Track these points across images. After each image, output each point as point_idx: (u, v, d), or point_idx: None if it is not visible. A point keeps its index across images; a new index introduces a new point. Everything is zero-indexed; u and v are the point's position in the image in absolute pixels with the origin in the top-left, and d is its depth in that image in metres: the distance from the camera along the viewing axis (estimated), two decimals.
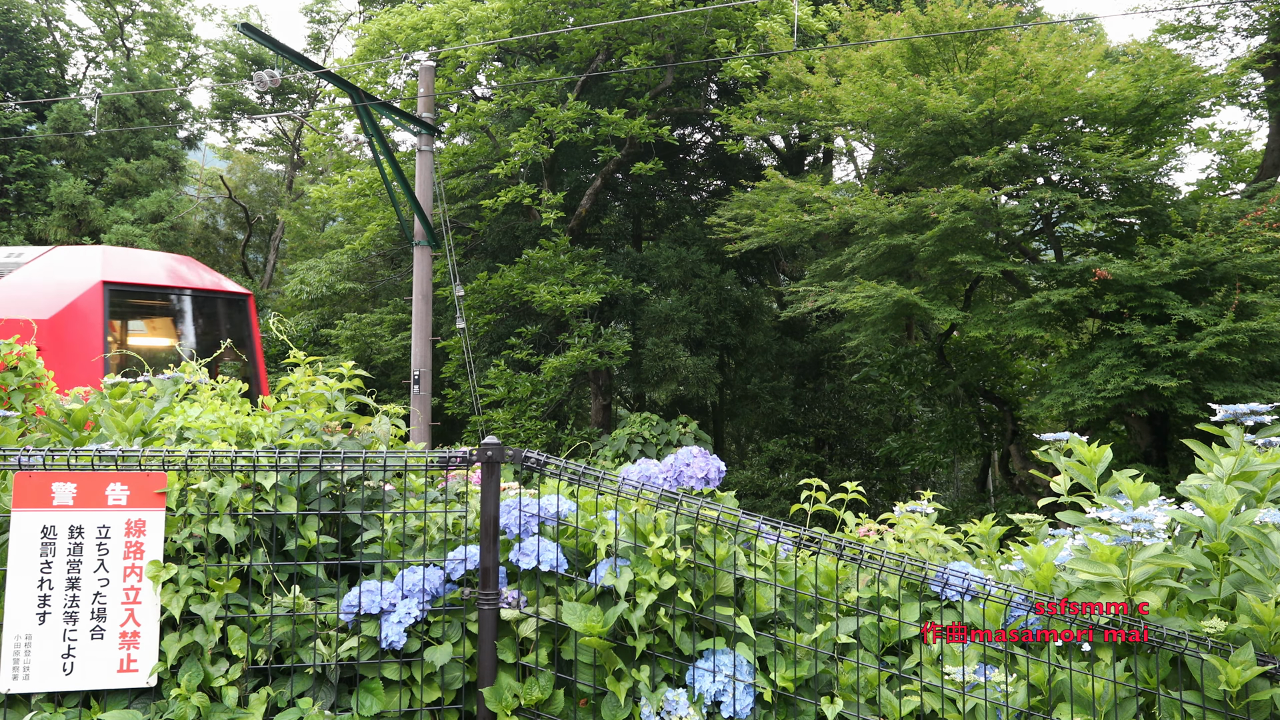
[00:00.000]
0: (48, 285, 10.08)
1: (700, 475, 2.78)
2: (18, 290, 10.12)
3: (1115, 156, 12.63)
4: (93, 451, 2.71)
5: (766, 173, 16.13)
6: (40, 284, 10.14)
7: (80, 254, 10.92)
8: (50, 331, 9.17)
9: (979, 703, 2.44)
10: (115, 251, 11.23)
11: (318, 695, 2.64)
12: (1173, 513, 2.58)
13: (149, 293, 11.11)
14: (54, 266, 10.53)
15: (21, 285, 10.21)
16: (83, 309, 9.82)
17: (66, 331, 9.44)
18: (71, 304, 9.76)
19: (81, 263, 10.53)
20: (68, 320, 9.61)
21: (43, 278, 10.28)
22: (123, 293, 10.54)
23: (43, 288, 10.06)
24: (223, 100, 32.78)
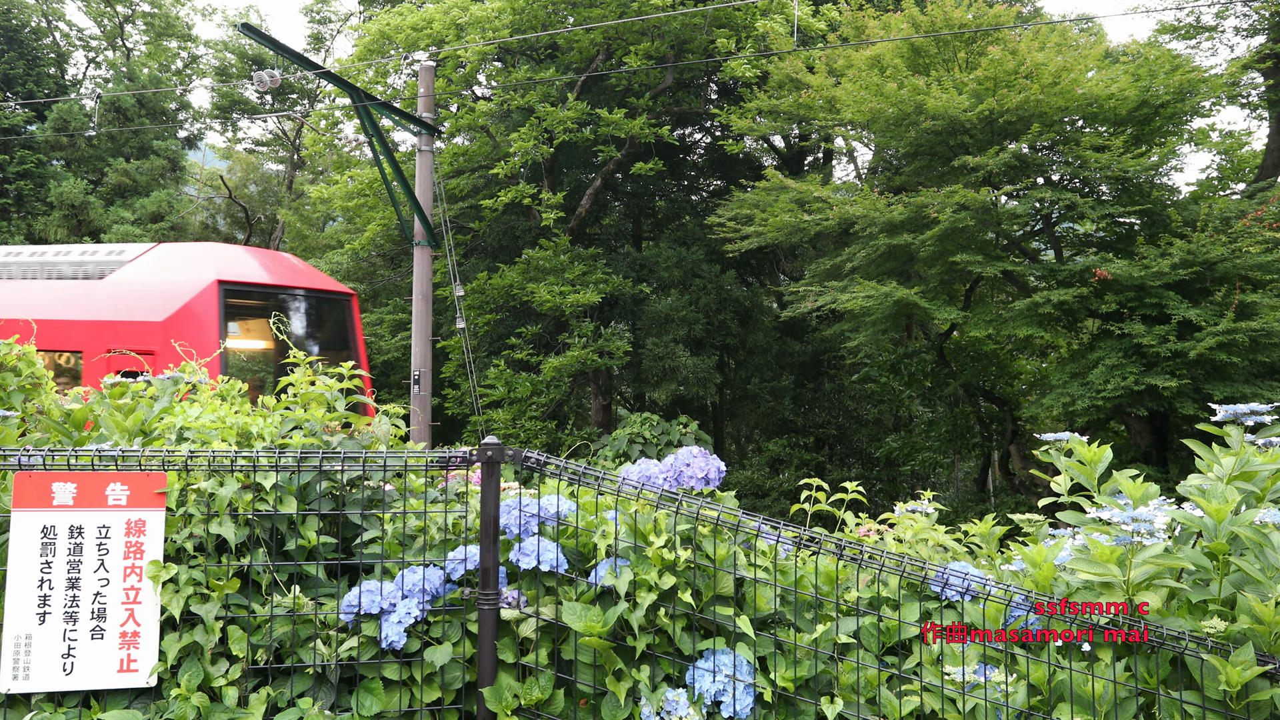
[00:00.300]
0: (158, 285, 9.67)
1: (700, 475, 2.78)
2: (125, 290, 9.74)
3: (1115, 156, 12.63)
4: (93, 451, 2.71)
5: (766, 172, 16.13)
6: (149, 284, 9.72)
7: (188, 251, 10.50)
8: (165, 334, 8.89)
9: (979, 703, 2.44)
10: (225, 248, 10.78)
11: (318, 695, 2.64)
12: (1173, 513, 2.58)
13: (261, 292, 10.61)
14: (161, 265, 10.07)
15: (129, 285, 9.80)
16: (198, 310, 9.39)
17: (182, 334, 8.97)
18: (186, 305, 9.35)
19: (191, 261, 10.07)
20: (183, 322, 9.21)
21: (151, 277, 9.85)
22: (237, 292, 10.07)
23: (153, 287, 9.64)
24: (223, 100, 32.78)
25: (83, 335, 9.34)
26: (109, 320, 9.36)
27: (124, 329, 9.16)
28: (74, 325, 9.49)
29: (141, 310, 9.28)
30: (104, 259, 10.25)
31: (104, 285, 9.96)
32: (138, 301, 9.47)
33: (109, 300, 9.70)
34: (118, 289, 9.83)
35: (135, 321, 9.21)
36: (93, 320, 9.43)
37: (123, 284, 9.87)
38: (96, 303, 9.71)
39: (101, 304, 9.67)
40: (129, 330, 9.15)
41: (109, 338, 9.16)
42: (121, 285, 9.88)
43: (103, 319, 9.39)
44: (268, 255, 11.48)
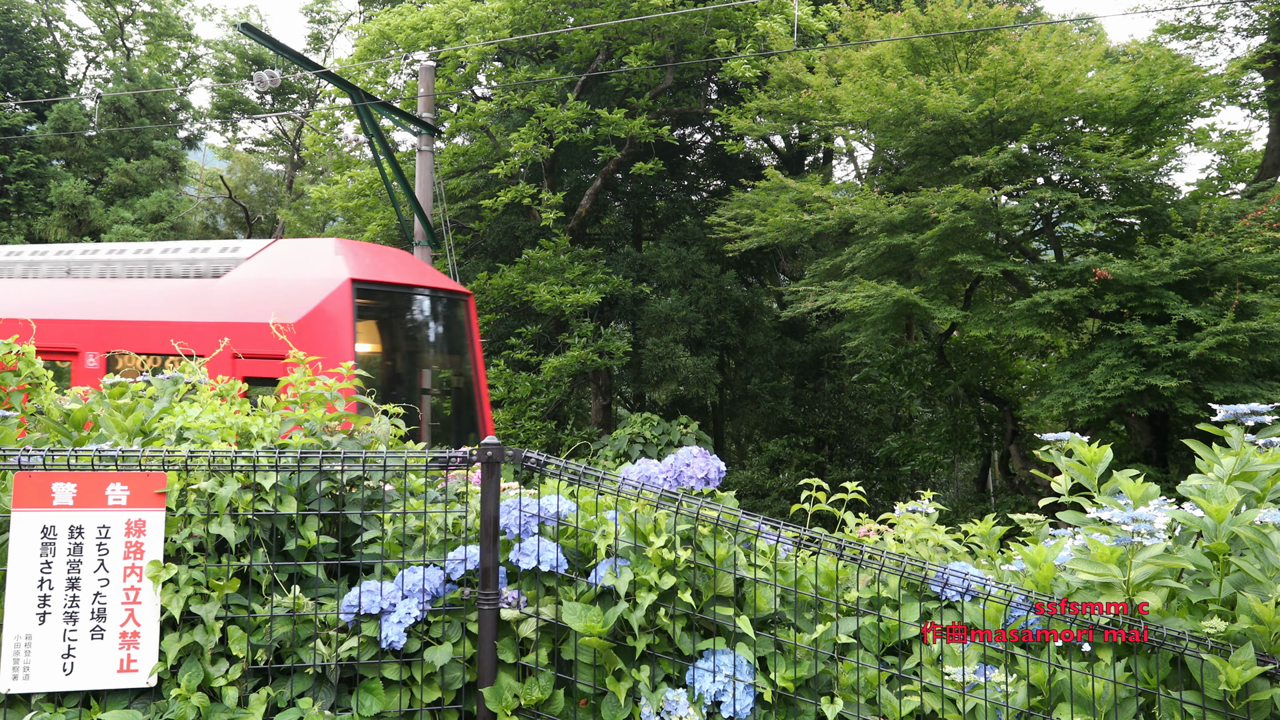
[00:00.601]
0: (285, 283, 9.01)
1: (700, 475, 2.78)
2: (249, 290, 9.12)
3: (1115, 156, 12.63)
4: (93, 451, 2.71)
5: (766, 172, 16.12)
6: (276, 282, 9.07)
7: (311, 247, 9.78)
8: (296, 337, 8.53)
9: (979, 703, 2.43)
10: (351, 245, 9.99)
11: (318, 695, 2.64)
12: (1173, 513, 2.58)
13: (389, 292, 9.81)
14: (283, 262, 9.41)
15: (252, 284, 9.18)
16: (331, 311, 8.66)
17: (315, 337, 8.35)
18: (319, 306, 8.63)
19: (318, 257, 9.38)
20: (315, 324, 8.49)
21: (275, 275, 9.20)
22: (368, 292, 9.33)
23: (280, 286, 8.98)
24: (223, 100, 32.78)
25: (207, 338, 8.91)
26: (233, 322, 8.67)
27: (252, 332, 8.50)
28: (192, 328, 8.86)
29: (270, 311, 8.59)
30: (218, 256, 9.62)
31: (222, 285, 9.32)
32: (265, 302, 8.81)
33: (231, 300, 9.04)
34: (240, 288, 9.18)
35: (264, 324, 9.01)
36: (214, 322, 8.79)
37: (244, 283, 9.24)
38: (216, 303, 9.07)
39: (222, 304, 9.01)
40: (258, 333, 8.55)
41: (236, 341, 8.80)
42: (243, 284, 9.24)
43: (225, 320, 8.73)
44: (387, 251, 10.63)
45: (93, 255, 10.13)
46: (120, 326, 9.05)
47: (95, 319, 9.21)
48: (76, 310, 9.43)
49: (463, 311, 10.54)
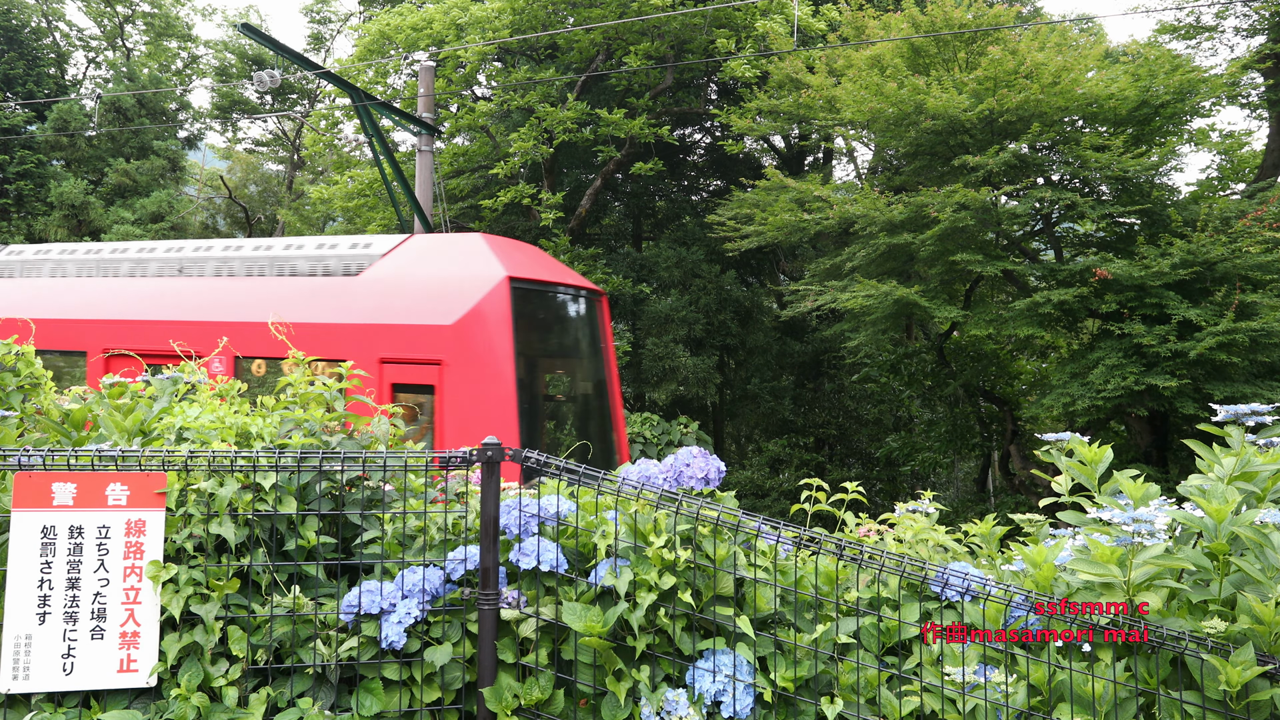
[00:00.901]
0: (433, 282, 8.28)
1: (700, 475, 2.77)
2: (393, 289, 8.39)
3: (1115, 156, 12.63)
4: (92, 451, 2.71)
5: (766, 171, 16.12)
6: (424, 280, 8.34)
7: (457, 243, 8.97)
8: (455, 340, 7.65)
9: (979, 703, 2.43)
10: (497, 239, 9.13)
11: (318, 695, 2.64)
12: (1173, 513, 2.58)
13: (543, 292, 8.94)
14: (427, 258, 8.66)
15: (396, 282, 8.44)
16: (489, 313, 7.85)
17: (471, 341, 7.74)
18: (476, 307, 7.84)
19: (467, 254, 8.59)
20: (472, 327, 7.78)
21: (420, 272, 8.45)
22: (525, 292, 8.45)
23: (427, 284, 8.26)
24: (223, 100, 32.79)
25: (346, 341, 8.04)
26: (379, 324, 8.02)
27: (401, 334, 7.90)
28: (330, 330, 8.17)
29: (423, 312, 7.92)
30: (349, 252, 8.92)
31: (361, 283, 8.57)
32: (415, 302, 8.09)
33: (374, 300, 8.32)
34: (381, 287, 8.43)
35: (416, 325, 7.88)
36: (356, 324, 8.12)
37: (386, 281, 8.48)
38: (357, 303, 8.36)
39: (364, 304, 8.31)
40: (409, 335, 7.88)
41: (382, 344, 7.91)
42: (385, 282, 8.47)
43: (370, 322, 8.08)
44: (522, 246, 9.74)
45: (206, 252, 9.49)
46: (247, 329, 8.40)
47: (217, 320, 8.60)
48: (196, 311, 8.84)
49: (600, 309, 9.86)
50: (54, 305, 9.45)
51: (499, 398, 7.61)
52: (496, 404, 7.60)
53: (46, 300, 9.58)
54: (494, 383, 7.68)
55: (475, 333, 7.79)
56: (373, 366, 7.77)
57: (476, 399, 7.61)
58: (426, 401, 7.82)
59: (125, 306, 9.18)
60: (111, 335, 8.75)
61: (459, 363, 7.60)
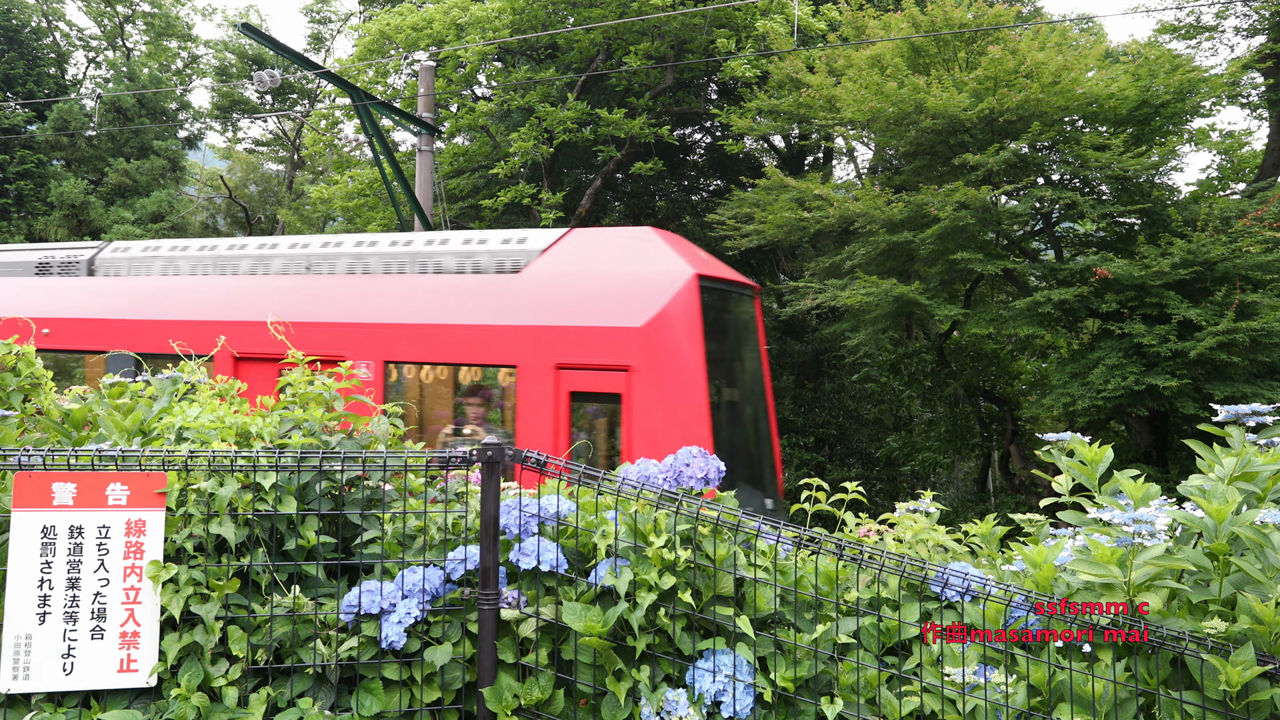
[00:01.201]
0: (609, 280, 7.56)
1: (700, 475, 2.77)
2: (562, 287, 7.66)
3: (1115, 155, 12.63)
4: (93, 451, 2.71)
5: (766, 171, 16.13)
6: (595, 278, 7.63)
7: (625, 238, 8.21)
8: (645, 345, 7.00)
9: (979, 703, 2.43)
10: (669, 235, 8.37)
11: (318, 695, 2.64)
12: (1173, 513, 2.57)
13: (724, 291, 8.18)
14: (594, 254, 7.94)
15: (564, 280, 7.72)
16: (679, 315, 7.15)
17: (661, 345, 7.06)
18: (666, 308, 7.12)
19: (642, 250, 7.88)
20: (663, 330, 7.09)
21: (591, 269, 7.74)
22: (710, 292, 7.72)
23: (603, 283, 7.55)
24: (223, 100, 32.79)
25: (513, 345, 7.41)
26: (554, 326, 7.32)
27: (582, 337, 7.20)
28: (494, 333, 7.50)
29: (606, 313, 7.20)
30: (503, 248, 8.18)
31: (525, 281, 7.84)
32: (595, 302, 7.38)
33: (544, 300, 7.58)
34: (552, 285, 7.67)
35: (600, 328, 7.20)
36: (525, 326, 7.42)
37: (555, 278, 7.73)
38: (523, 303, 7.62)
39: (532, 305, 7.57)
40: (592, 339, 7.18)
41: (558, 348, 7.24)
42: (555, 280, 7.71)
43: (542, 324, 7.38)
44: (683, 241, 8.79)
45: (337, 249, 8.93)
46: (399, 331, 7.85)
47: (365, 322, 8.01)
48: (332, 311, 8.21)
49: (758, 312, 9.19)
50: (174, 305, 8.88)
51: (692, 408, 6.98)
52: (689, 415, 6.99)
53: (167, 300, 9.00)
54: (687, 392, 7.05)
55: (667, 336, 7.11)
56: (546, 373, 7.23)
57: (668, 409, 6.98)
58: (611, 411, 7.27)
59: (251, 306, 8.54)
60: (243, 337, 8.16)
61: (649, 369, 6.97)
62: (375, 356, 7.87)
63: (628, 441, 7.03)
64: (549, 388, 7.23)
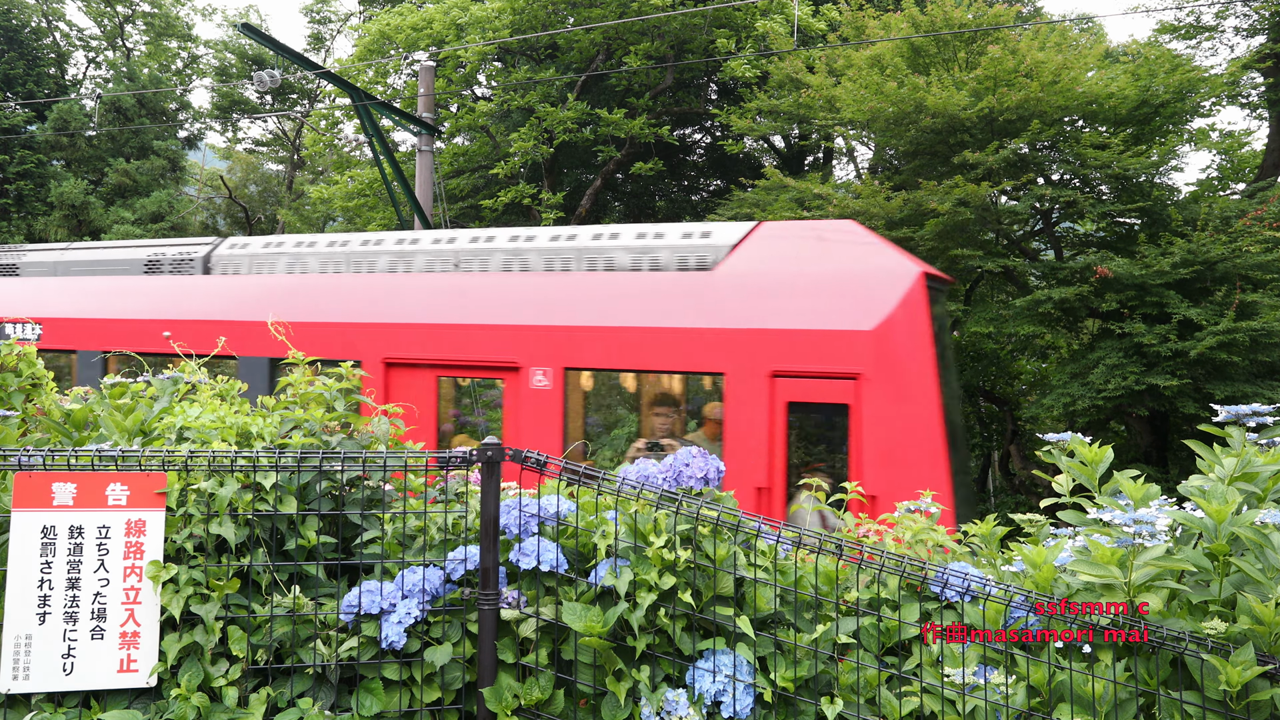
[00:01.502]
0: (828, 279, 6.88)
1: (700, 475, 2.77)
2: (773, 286, 6.99)
3: (1115, 155, 12.63)
4: (93, 451, 2.71)
5: (766, 171, 16.14)
6: (811, 276, 6.93)
7: (831, 232, 7.50)
8: (875, 351, 6.40)
9: (979, 703, 2.43)
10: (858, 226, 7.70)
11: (318, 695, 2.64)
12: (1173, 513, 2.57)
13: (941, 290, 7.50)
14: (799, 250, 7.24)
15: (772, 278, 7.04)
16: (911, 316, 6.54)
17: (897, 350, 6.46)
18: (898, 309, 6.51)
19: (853, 245, 7.23)
20: (896, 333, 6.48)
21: (804, 267, 7.02)
22: (935, 292, 7.02)
23: (822, 282, 6.86)
24: (223, 100, 32.80)
25: (715, 349, 6.80)
26: (767, 329, 6.65)
27: (802, 342, 6.57)
28: (691, 336, 6.84)
29: (827, 315, 6.56)
30: (687, 243, 7.49)
31: (720, 279, 7.11)
32: (811, 302, 6.70)
33: (753, 301, 6.84)
34: (756, 283, 6.96)
35: (824, 331, 6.55)
36: (730, 329, 6.77)
37: (757, 276, 7.02)
38: (721, 304, 6.92)
39: (738, 306, 6.86)
40: (813, 344, 6.54)
41: (772, 353, 6.63)
42: (757, 278, 7.00)
43: (752, 327, 6.71)
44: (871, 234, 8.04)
45: (489, 244, 8.24)
46: (581, 335, 7.17)
47: (540, 325, 7.33)
48: (503, 313, 7.52)
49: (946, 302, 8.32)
50: (308, 306, 8.31)
51: (926, 420, 6.39)
52: (924, 427, 6.39)
53: (297, 300, 8.45)
54: (921, 401, 6.43)
55: (899, 340, 6.50)
56: (759, 381, 6.57)
57: (903, 421, 6.38)
58: (837, 424, 6.57)
59: (398, 307, 7.90)
60: (392, 340, 7.61)
61: (882, 377, 6.35)
62: (554, 363, 7.19)
63: (856, 457, 6.43)
64: (762, 397, 6.60)
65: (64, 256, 10.21)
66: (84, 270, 9.98)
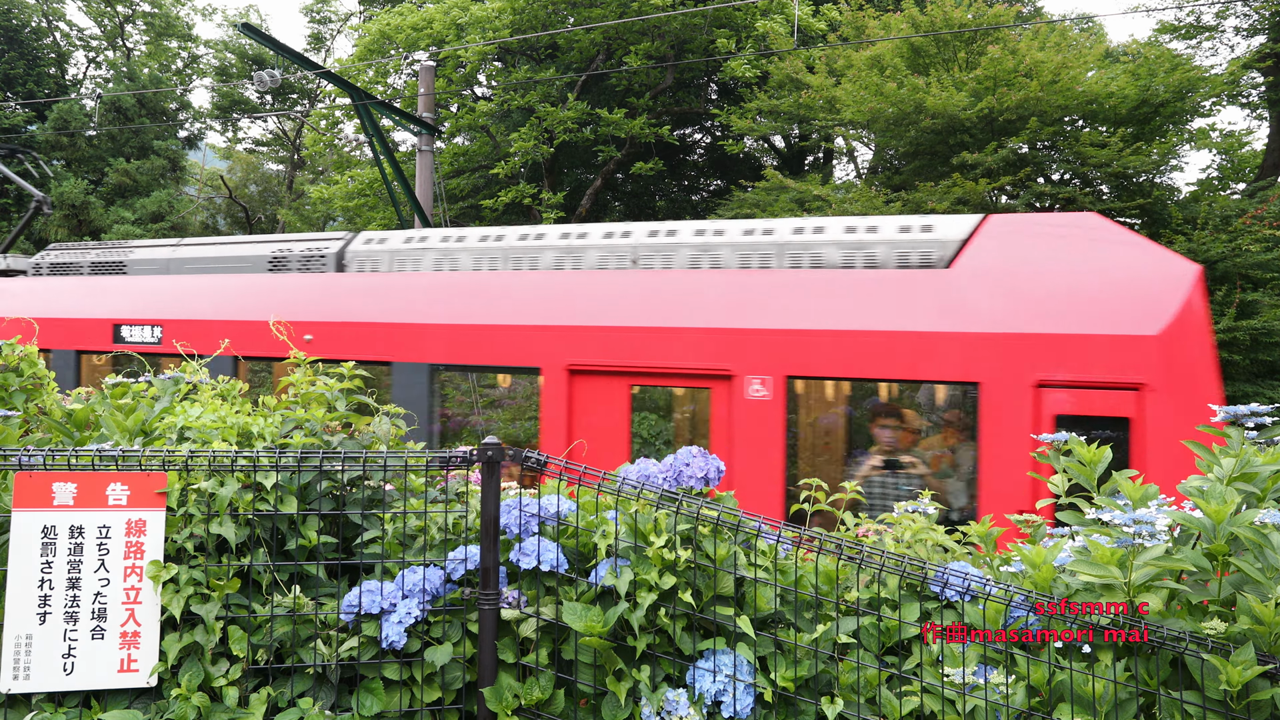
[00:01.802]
0: (1091, 279, 6.15)
1: (700, 475, 2.78)
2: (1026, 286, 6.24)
3: (1115, 154, 12.64)
4: (93, 451, 2.71)
5: (766, 172, 16.15)
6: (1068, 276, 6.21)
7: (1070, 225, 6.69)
8: (1159, 358, 5.75)
9: (979, 703, 2.43)
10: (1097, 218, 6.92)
11: (318, 695, 2.64)
12: (1172, 513, 2.58)
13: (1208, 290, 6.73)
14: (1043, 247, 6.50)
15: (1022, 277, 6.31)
16: (1194, 320, 5.92)
17: (1182, 358, 5.80)
18: (1181, 312, 5.87)
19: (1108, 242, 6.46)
20: (1181, 338, 5.81)
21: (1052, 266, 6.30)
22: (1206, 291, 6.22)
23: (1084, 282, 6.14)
24: (223, 100, 32.80)
25: (969, 356, 6.07)
26: (1029, 334, 5.95)
27: (1068, 348, 5.91)
28: (938, 341, 6.10)
29: (1096, 318, 5.90)
30: (906, 238, 6.79)
31: (957, 277, 6.42)
32: (1074, 304, 6.01)
33: (1001, 302, 6.15)
34: (1007, 284, 6.24)
35: (1095, 336, 5.87)
36: (985, 333, 6.04)
37: (1008, 276, 6.29)
38: (972, 306, 6.19)
39: (987, 307, 6.14)
40: (1082, 350, 5.88)
41: (1037, 361, 5.95)
42: (1008, 278, 6.27)
43: (1010, 331, 6.01)
44: None
45: (670, 238, 7.57)
46: (803, 340, 6.47)
47: (756, 328, 6.58)
48: (707, 315, 6.78)
49: None
50: (470, 307, 7.62)
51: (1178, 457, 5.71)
52: None
53: (457, 301, 7.72)
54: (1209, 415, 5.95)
55: (1186, 345, 5.84)
56: (1020, 391, 5.93)
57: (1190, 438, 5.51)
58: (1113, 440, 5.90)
59: (577, 308, 7.23)
60: (578, 345, 6.97)
61: (1170, 387, 5.71)
62: (774, 370, 6.50)
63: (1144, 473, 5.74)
64: (1024, 410, 5.93)
65: (176, 253, 9.59)
66: (200, 268, 9.32)
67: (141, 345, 8.50)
